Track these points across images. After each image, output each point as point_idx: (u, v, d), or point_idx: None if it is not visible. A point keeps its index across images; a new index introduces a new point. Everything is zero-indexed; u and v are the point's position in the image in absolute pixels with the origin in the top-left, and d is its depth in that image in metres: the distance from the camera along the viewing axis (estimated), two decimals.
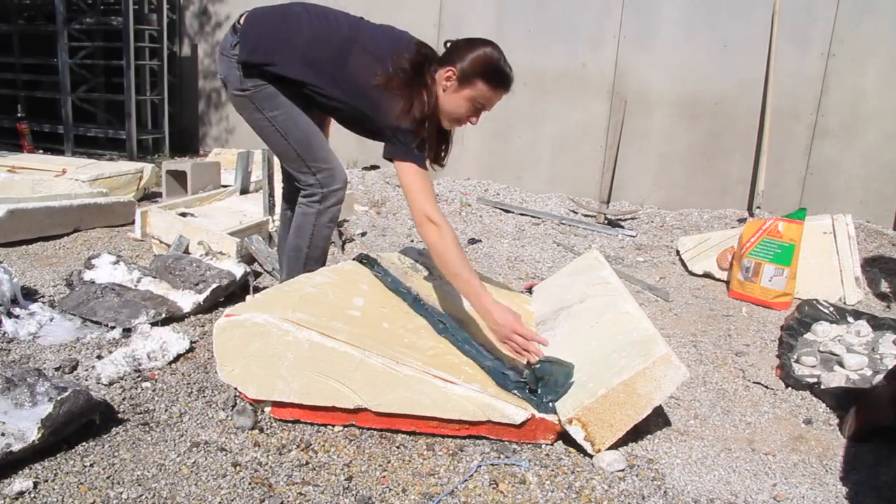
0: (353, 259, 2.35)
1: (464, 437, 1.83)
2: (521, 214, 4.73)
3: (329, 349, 1.78)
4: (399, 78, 2.01)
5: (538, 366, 1.90)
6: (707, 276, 3.59)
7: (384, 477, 1.66)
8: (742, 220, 4.54)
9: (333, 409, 1.81)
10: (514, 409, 1.79)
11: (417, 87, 2.02)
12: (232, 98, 2.25)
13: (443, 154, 2.24)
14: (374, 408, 1.79)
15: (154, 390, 1.98)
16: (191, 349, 2.26)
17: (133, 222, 3.64)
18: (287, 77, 2.12)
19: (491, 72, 2.02)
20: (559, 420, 1.80)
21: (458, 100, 2.05)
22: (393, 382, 1.77)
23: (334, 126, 2.42)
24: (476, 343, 2.04)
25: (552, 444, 1.83)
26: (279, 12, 2.18)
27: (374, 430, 1.83)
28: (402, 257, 2.56)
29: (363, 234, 3.89)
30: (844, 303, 3.21)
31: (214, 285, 2.61)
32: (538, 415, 1.80)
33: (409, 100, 1.99)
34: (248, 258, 3.11)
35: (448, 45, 2.10)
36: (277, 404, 1.84)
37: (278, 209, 3.12)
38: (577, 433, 1.78)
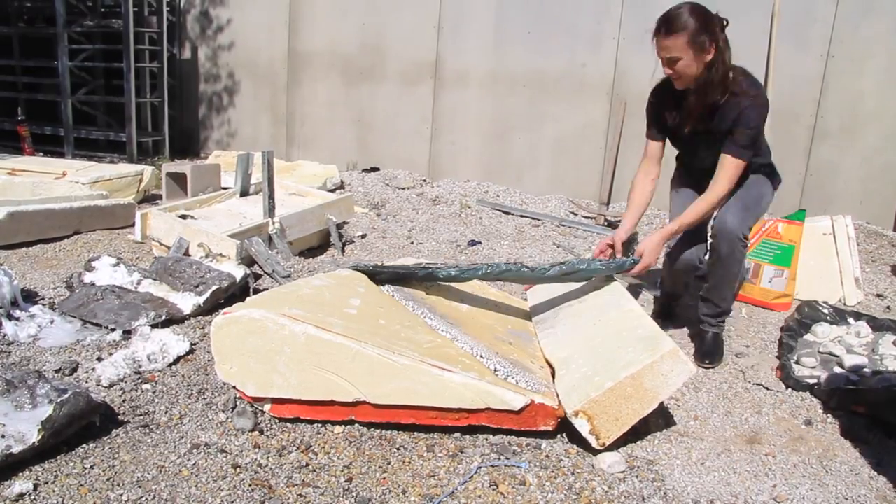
0: (350, 267, 2.35)
1: (464, 431, 1.82)
2: (521, 216, 4.73)
3: (325, 342, 1.78)
4: None
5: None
6: None
7: (384, 478, 1.66)
8: None
9: (332, 403, 1.81)
10: (513, 395, 1.78)
11: None
12: None
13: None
14: (372, 400, 1.79)
15: (154, 392, 1.98)
16: (191, 351, 2.25)
17: (133, 224, 3.65)
18: None
19: None
20: (559, 404, 1.79)
21: None
22: (390, 373, 1.77)
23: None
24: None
25: (552, 445, 1.83)
26: None
27: (375, 430, 1.83)
28: (404, 261, 2.56)
29: (363, 236, 3.89)
30: (844, 304, 3.21)
31: (214, 287, 2.61)
32: (538, 400, 1.80)
33: None
34: (249, 260, 3.11)
35: None
36: (277, 401, 1.84)
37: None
38: (582, 426, 1.77)
